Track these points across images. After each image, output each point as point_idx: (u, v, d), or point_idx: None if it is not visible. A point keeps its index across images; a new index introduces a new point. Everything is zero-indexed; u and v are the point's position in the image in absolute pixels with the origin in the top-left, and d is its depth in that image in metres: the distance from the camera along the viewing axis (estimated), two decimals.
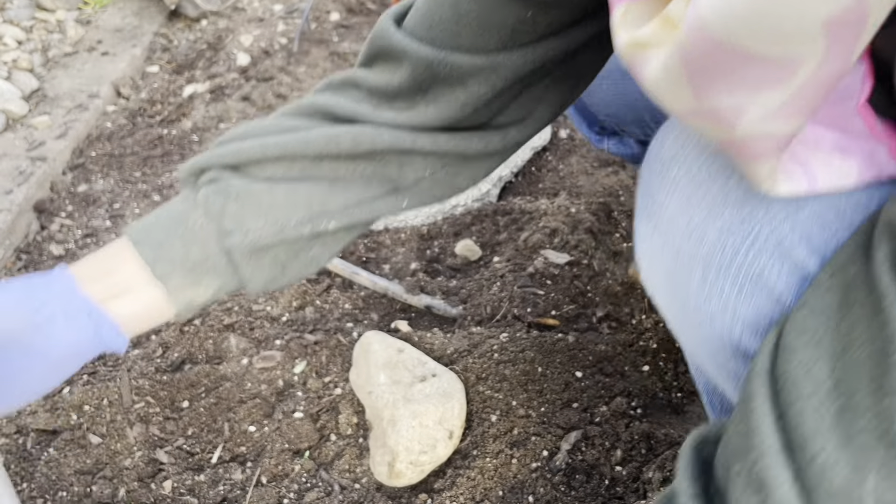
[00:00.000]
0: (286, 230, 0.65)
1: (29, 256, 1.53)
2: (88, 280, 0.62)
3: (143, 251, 0.63)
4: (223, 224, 0.64)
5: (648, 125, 0.97)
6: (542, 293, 1.28)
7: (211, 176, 0.65)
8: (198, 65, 2.15)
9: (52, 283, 0.62)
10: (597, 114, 0.99)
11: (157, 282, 0.64)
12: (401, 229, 1.52)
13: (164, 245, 0.64)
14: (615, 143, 0.98)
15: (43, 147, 1.74)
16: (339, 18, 2.28)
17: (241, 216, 0.64)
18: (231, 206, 0.64)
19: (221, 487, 1.06)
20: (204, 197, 0.64)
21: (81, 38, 2.23)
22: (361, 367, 1.10)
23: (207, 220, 0.64)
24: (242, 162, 0.64)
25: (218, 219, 0.64)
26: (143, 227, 0.65)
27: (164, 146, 1.81)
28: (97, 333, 0.62)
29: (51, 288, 0.61)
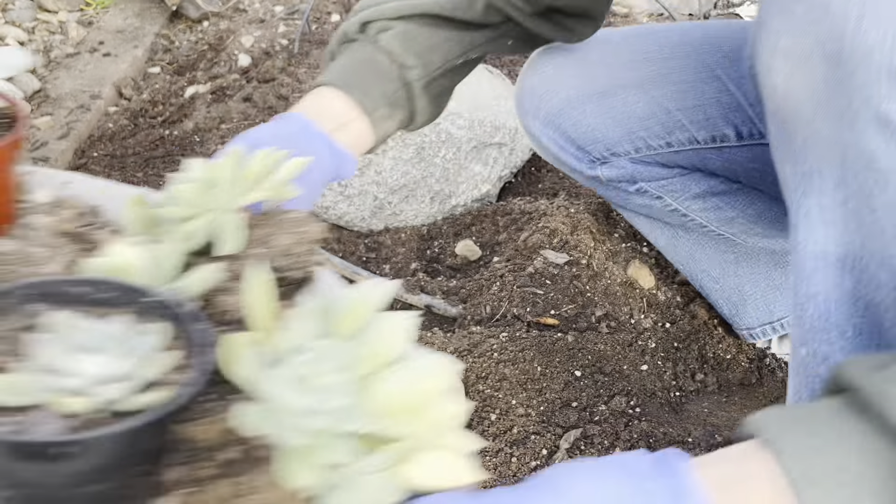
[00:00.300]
0: (449, 62, 0.84)
1: None
2: (317, 118, 0.76)
3: (351, 92, 0.78)
4: (406, 61, 0.81)
5: (640, 137, 0.97)
6: (542, 293, 1.28)
7: (380, 26, 0.81)
8: (199, 66, 2.16)
9: (291, 122, 0.75)
10: (583, 144, 0.99)
11: (365, 116, 0.79)
12: (401, 229, 1.53)
13: (365, 85, 0.79)
14: (607, 168, 0.99)
15: (45, 147, 1.75)
16: (340, 19, 2.29)
17: (418, 53, 0.81)
18: (410, 46, 0.80)
19: None
20: (386, 41, 0.80)
21: (83, 38, 2.23)
22: None
23: (391, 60, 0.80)
24: (403, 14, 0.81)
25: (401, 58, 0.80)
26: (340, 74, 0.80)
27: (165, 147, 1.81)
28: (333, 160, 0.75)
29: (291, 126, 0.75)
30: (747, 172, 0.96)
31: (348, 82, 0.80)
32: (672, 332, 1.26)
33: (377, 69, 0.82)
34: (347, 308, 0.43)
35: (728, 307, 1.16)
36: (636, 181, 0.99)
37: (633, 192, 1.01)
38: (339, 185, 1.50)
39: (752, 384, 1.18)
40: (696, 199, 0.99)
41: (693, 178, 0.99)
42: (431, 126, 1.49)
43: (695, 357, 1.23)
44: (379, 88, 0.81)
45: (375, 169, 1.49)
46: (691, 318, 1.27)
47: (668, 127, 0.95)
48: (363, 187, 1.50)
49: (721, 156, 0.96)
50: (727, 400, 1.15)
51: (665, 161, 0.98)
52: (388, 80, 0.82)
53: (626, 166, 0.99)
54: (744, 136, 0.94)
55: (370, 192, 1.50)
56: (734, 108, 0.93)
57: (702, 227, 1.03)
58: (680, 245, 1.12)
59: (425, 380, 0.41)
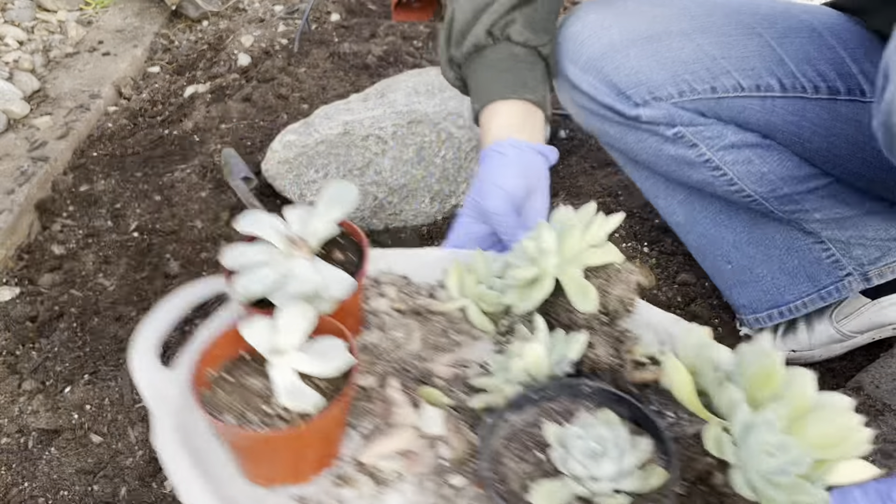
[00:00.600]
0: (556, 12, 1.01)
1: (31, 256, 1.54)
2: (516, 134, 0.93)
3: (520, 94, 0.94)
4: (538, 42, 0.97)
5: (685, 80, 0.97)
6: None
7: (503, 24, 0.94)
8: (199, 65, 2.16)
9: (509, 154, 0.91)
10: (625, 88, 0.99)
11: (537, 107, 0.96)
12: (401, 229, 1.53)
13: (523, 81, 0.95)
14: (648, 108, 0.99)
15: (44, 147, 1.74)
16: (340, 19, 2.28)
17: (543, 28, 0.97)
18: (535, 27, 0.96)
19: None
20: (516, 35, 0.95)
21: (83, 38, 2.23)
22: None
23: (527, 48, 0.96)
24: (515, 4, 0.94)
25: (534, 41, 0.96)
26: (500, 85, 0.95)
27: (165, 146, 1.81)
28: (541, 156, 0.93)
29: (513, 157, 0.91)
30: (784, 127, 0.98)
31: (512, 88, 0.95)
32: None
33: (523, 61, 0.96)
34: (759, 371, 0.56)
35: (736, 289, 1.14)
36: (675, 125, 0.99)
37: (670, 139, 1.00)
38: None
39: None
40: (730, 150, 1.00)
41: (730, 128, 1.00)
42: (431, 126, 1.50)
43: None
44: (532, 77, 0.97)
45: (375, 169, 1.49)
46: (691, 318, 1.26)
47: (713, 72, 0.97)
48: (363, 187, 1.50)
49: (763, 106, 0.97)
50: None
51: (705, 110, 0.99)
52: (534, 66, 0.97)
53: (668, 108, 0.98)
54: (787, 88, 0.96)
55: (370, 192, 1.50)
56: (777, 62, 0.96)
57: (729, 186, 1.02)
58: (698, 220, 1.12)
59: (839, 418, 0.54)
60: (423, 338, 0.78)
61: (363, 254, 0.76)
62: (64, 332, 1.33)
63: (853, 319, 1.13)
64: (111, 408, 1.15)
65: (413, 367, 0.75)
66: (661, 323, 0.78)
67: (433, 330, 0.80)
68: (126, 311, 1.36)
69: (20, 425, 1.16)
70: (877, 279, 1.08)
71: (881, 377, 1.11)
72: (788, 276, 1.10)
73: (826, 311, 1.15)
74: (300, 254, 0.71)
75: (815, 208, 1.02)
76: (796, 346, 1.16)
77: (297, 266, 0.70)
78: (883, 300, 1.11)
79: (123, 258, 1.48)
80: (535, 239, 0.73)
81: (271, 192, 1.59)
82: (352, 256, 0.77)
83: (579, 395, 0.64)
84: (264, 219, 0.73)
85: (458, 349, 0.77)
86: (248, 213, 0.73)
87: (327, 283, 0.69)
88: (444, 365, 0.75)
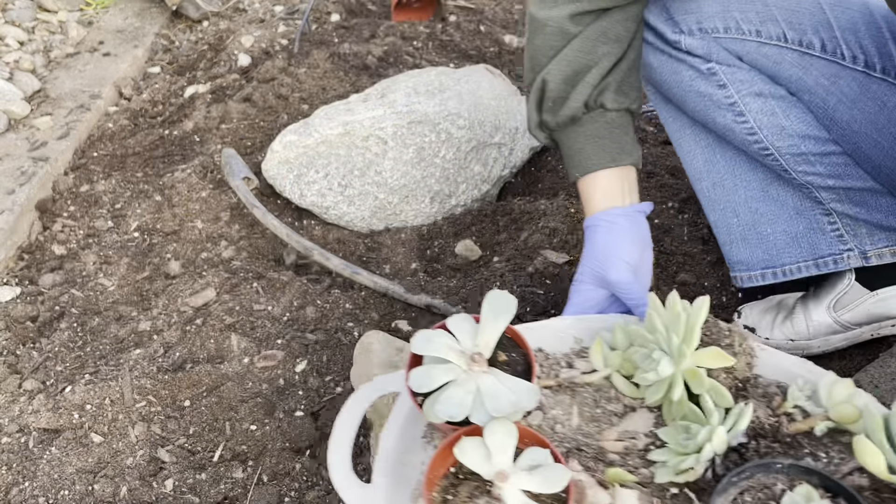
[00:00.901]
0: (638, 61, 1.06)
1: (31, 256, 1.54)
2: (617, 199, 1.01)
3: (618, 161, 1.01)
4: (631, 104, 1.02)
5: (734, 17, 1.01)
6: (542, 293, 1.28)
7: (598, 91, 0.99)
8: (199, 65, 2.16)
9: (615, 218, 1.00)
10: (674, 13, 1.04)
11: (632, 166, 1.03)
12: (401, 229, 1.53)
13: (620, 146, 1.01)
14: (690, 38, 1.03)
15: (45, 147, 1.75)
16: (340, 20, 2.29)
17: (631, 87, 1.02)
18: (627, 88, 1.01)
19: (223, 486, 1.06)
20: (611, 102, 1.00)
21: (83, 38, 2.23)
22: (362, 367, 1.11)
23: (620, 111, 1.01)
24: (605, 70, 0.99)
25: (626, 102, 1.01)
26: (600, 154, 1.01)
27: (165, 146, 1.81)
28: (643, 213, 1.02)
29: (624, 224, 1.00)
30: (814, 88, 1.02)
31: (611, 157, 1.01)
32: None
33: (618, 127, 1.02)
34: None
35: (737, 244, 1.17)
36: (711, 59, 1.03)
37: (703, 74, 1.04)
38: (340, 186, 1.50)
39: None
40: (756, 98, 1.03)
41: (761, 77, 1.04)
42: (431, 126, 1.50)
43: None
44: (628, 140, 1.02)
45: (376, 169, 1.50)
46: None
47: (762, 16, 1.01)
48: (364, 188, 1.50)
49: (800, 61, 1.01)
50: None
51: (744, 53, 1.03)
52: (627, 127, 1.03)
53: (710, 42, 1.02)
54: (827, 51, 0.99)
55: (370, 193, 1.50)
56: (824, 24, 0.99)
57: (749, 135, 1.05)
58: (716, 168, 1.15)
59: None
60: (580, 412, 0.84)
61: (525, 352, 0.82)
62: (64, 332, 1.33)
63: (852, 310, 1.13)
64: (112, 407, 1.15)
65: (586, 444, 0.80)
66: (784, 366, 0.86)
67: (585, 402, 0.85)
68: (127, 310, 1.36)
69: (21, 425, 1.16)
70: (875, 259, 1.10)
71: (880, 377, 1.11)
72: (791, 240, 1.12)
73: (824, 300, 1.15)
74: (479, 368, 0.76)
75: (829, 174, 1.05)
76: (794, 335, 1.17)
77: (484, 382, 0.75)
78: (882, 292, 1.11)
79: (124, 258, 1.48)
80: (657, 362, 0.81)
81: (271, 192, 1.60)
82: (514, 356, 0.82)
83: (772, 471, 0.71)
84: (437, 339, 0.78)
85: (617, 420, 0.83)
86: (420, 335, 0.78)
87: (519, 397, 0.74)
88: (613, 440, 0.81)
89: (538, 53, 1.01)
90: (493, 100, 1.60)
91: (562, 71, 0.99)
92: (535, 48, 1.01)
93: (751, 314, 1.22)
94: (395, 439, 0.82)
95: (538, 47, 1.00)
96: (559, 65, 0.99)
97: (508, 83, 1.73)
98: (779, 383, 0.84)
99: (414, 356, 0.80)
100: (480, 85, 1.63)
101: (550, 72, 0.99)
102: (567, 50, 0.98)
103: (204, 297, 1.34)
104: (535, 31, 1.00)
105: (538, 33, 1.00)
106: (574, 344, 0.93)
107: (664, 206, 1.47)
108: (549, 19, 0.98)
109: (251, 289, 1.35)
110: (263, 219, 1.49)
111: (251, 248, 1.50)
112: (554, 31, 0.98)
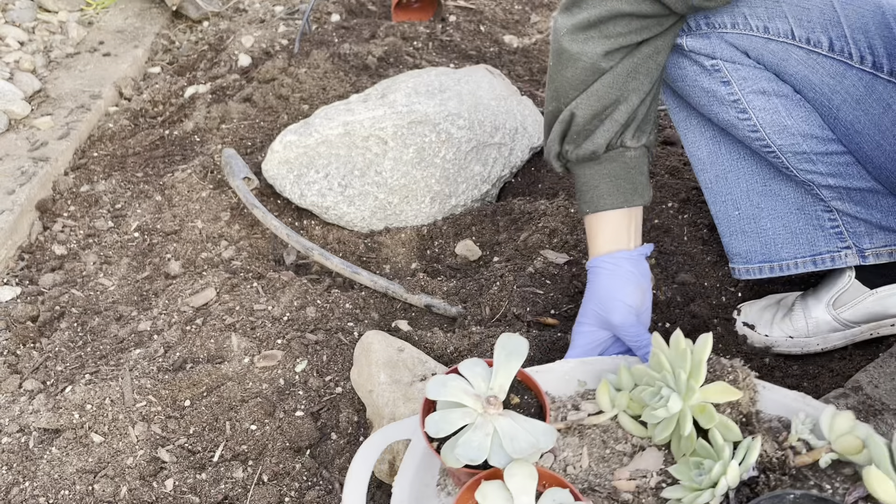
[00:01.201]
0: None
1: (31, 256, 1.54)
2: (622, 241, 1.05)
3: (630, 203, 1.05)
4: (649, 141, 1.05)
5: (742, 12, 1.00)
6: (542, 293, 1.28)
7: (621, 140, 1.03)
8: (199, 66, 2.16)
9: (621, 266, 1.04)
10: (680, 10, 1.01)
11: (641, 206, 1.07)
12: (401, 229, 1.53)
13: (633, 187, 1.05)
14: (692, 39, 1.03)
15: (45, 147, 1.75)
16: (340, 20, 2.29)
17: (650, 122, 1.05)
18: (648, 128, 1.05)
19: (223, 486, 1.06)
20: (631, 141, 1.03)
21: (83, 39, 2.24)
22: (362, 366, 1.11)
23: (638, 151, 1.04)
24: (633, 108, 1.01)
25: (646, 140, 1.05)
26: (614, 195, 1.04)
27: (165, 147, 1.81)
28: (644, 256, 1.06)
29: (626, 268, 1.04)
30: (819, 87, 1.01)
31: (624, 198, 1.04)
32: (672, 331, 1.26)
33: (634, 167, 1.04)
34: None
35: (737, 237, 1.18)
36: (715, 57, 1.02)
37: (706, 70, 1.03)
38: (340, 186, 1.51)
39: None
40: (760, 95, 1.03)
41: (766, 74, 1.03)
42: (431, 126, 1.50)
43: None
44: (641, 180, 1.05)
45: (376, 170, 1.50)
46: (691, 317, 1.27)
47: (770, 12, 1.00)
48: (364, 188, 1.50)
49: (806, 59, 1.00)
50: None
51: (750, 49, 1.02)
52: (642, 165, 1.05)
53: (714, 39, 1.01)
54: (835, 50, 0.99)
55: (371, 193, 1.50)
56: (834, 22, 0.98)
57: (751, 132, 1.06)
58: (720, 160, 1.15)
59: None
60: (589, 453, 0.86)
61: (536, 394, 0.83)
62: (65, 332, 1.33)
63: (851, 308, 1.14)
64: (112, 407, 1.15)
65: (598, 485, 0.82)
66: (784, 401, 0.88)
67: (594, 443, 0.88)
68: (127, 310, 1.36)
69: (21, 425, 1.16)
70: (873, 258, 1.10)
71: (880, 377, 1.11)
72: (790, 235, 1.13)
73: (824, 298, 1.15)
74: (495, 411, 0.77)
75: (830, 173, 1.05)
76: (793, 332, 1.17)
77: (501, 425, 0.76)
78: (882, 290, 1.11)
79: (124, 258, 1.49)
80: (666, 399, 0.83)
81: (271, 192, 1.60)
82: (526, 398, 0.83)
83: (785, 502, 0.73)
84: (452, 383, 0.80)
85: (627, 460, 0.85)
86: (434, 380, 0.79)
87: (537, 438, 0.75)
88: (625, 479, 0.83)
89: (566, 86, 1.00)
90: (493, 100, 1.61)
91: (591, 106, 0.99)
92: (563, 80, 1.00)
93: (750, 312, 1.22)
94: (408, 487, 0.82)
95: (567, 79, 1.00)
96: (589, 99, 0.99)
97: (508, 83, 1.73)
98: (780, 418, 0.86)
99: (427, 402, 0.81)
100: (480, 85, 1.63)
101: (579, 106, 1.00)
102: (597, 85, 0.99)
103: (204, 297, 1.34)
104: (564, 64, 0.99)
105: (568, 66, 0.99)
106: (578, 387, 0.96)
107: (664, 206, 1.47)
108: (582, 54, 0.97)
109: (251, 289, 1.35)
110: (264, 219, 1.49)
111: (251, 248, 1.50)
112: (586, 66, 0.98)
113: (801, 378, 1.18)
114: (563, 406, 0.92)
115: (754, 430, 0.84)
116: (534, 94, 1.93)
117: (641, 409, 0.86)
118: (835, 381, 1.16)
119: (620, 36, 0.96)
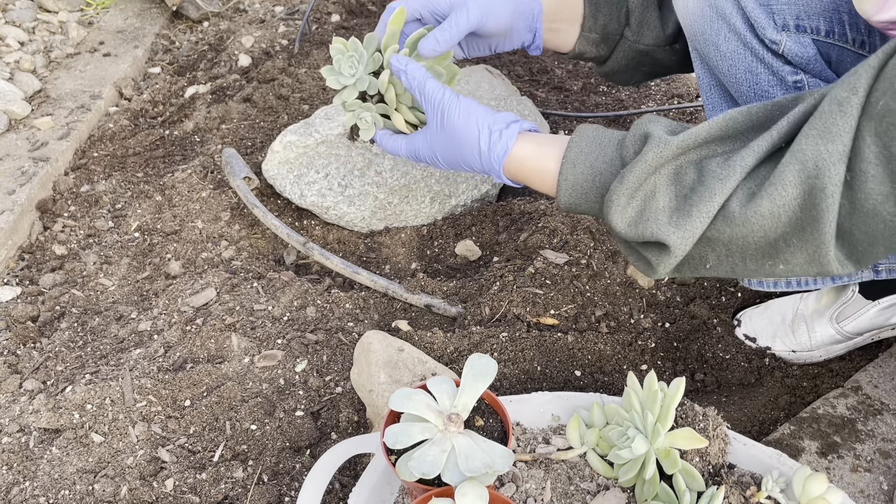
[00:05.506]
0: None
1: (31, 256, 1.54)
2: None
3: None
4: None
5: (841, 20, 0.84)
6: (542, 293, 1.29)
7: None
8: (199, 66, 2.16)
9: None
10: (770, 1, 0.86)
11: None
12: (401, 229, 1.53)
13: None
14: (791, 42, 0.85)
15: (45, 147, 1.75)
16: (340, 20, 2.29)
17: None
18: None
19: (223, 485, 1.06)
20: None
21: (83, 39, 2.24)
22: (362, 366, 1.11)
23: None
24: None
25: None
26: None
27: (165, 147, 1.82)
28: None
29: None
30: None
31: None
32: (671, 331, 1.26)
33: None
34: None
35: None
36: (799, 71, 0.85)
37: (786, 85, 0.86)
38: (340, 186, 1.51)
39: (751, 384, 1.18)
40: None
41: None
42: None
43: (694, 357, 1.23)
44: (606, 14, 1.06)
45: (376, 170, 1.50)
46: (691, 318, 1.27)
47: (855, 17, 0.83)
48: (364, 188, 1.50)
49: None
50: (726, 399, 1.16)
51: (835, 58, 0.86)
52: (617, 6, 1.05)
53: (807, 46, 0.84)
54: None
55: (370, 193, 1.50)
56: None
57: None
58: None
59: None
60: (553, 487, 0.87)
61: (502, 419, 0.84)
62: (65, 332, 1.33)
63: (854, 320, 1.13)
64: (112, 407, 1.15)
65: None
66: (759, 457, 0.88)
67: (559, 478, 0.88)
68: (127, 310, 1.37)
69: (21, 425, 1.16)
70: (886, 273, 1.07)
71: (880, 377, 1.11)
72: None
73: (826, 313, 1.15)
74: (455, 428, 0.78)
75: None
76: (796, 346, 1.17)
77: (459, 443, 0.77)
78: (884, 301, 1.11)
79: (124, 258, 1.49)
80: (632, 440, 0.83)
81: (272, 192, 1.60)
82: (492, 422, 0.83)
83: None
84: (416, 397, 0.80)
85: (590, 499, 0.86)
86: (399, 393, 0.80)
87: (493, 459, 0.75)
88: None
89: None
90: (493, 100, 1.61)
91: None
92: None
93: (750, 323, 1.22)
94: (364, 501, 0.83)
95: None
96: None
97: (508, 83, 1.73)
98: (752, 473, 0.86)
99: (392, 414, 0.82)
100: (480, 85, 1.63)
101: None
102: None
103: (204, 296, 1.34)
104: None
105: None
106: (552, 421, 0.96)
107: None
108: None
109: (251, 289, 1.35)
110: (264, 219, 1.49)
111: (251, 248, 1.50)
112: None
113: (801, 378, 1.18)
114: (535, 438, 0.93)
115: (722, 481, 0.84)
116: (534, 95, 1.93)
117: (610, 448, 0.87)
118: (835, 381, 1.16)
119: None
